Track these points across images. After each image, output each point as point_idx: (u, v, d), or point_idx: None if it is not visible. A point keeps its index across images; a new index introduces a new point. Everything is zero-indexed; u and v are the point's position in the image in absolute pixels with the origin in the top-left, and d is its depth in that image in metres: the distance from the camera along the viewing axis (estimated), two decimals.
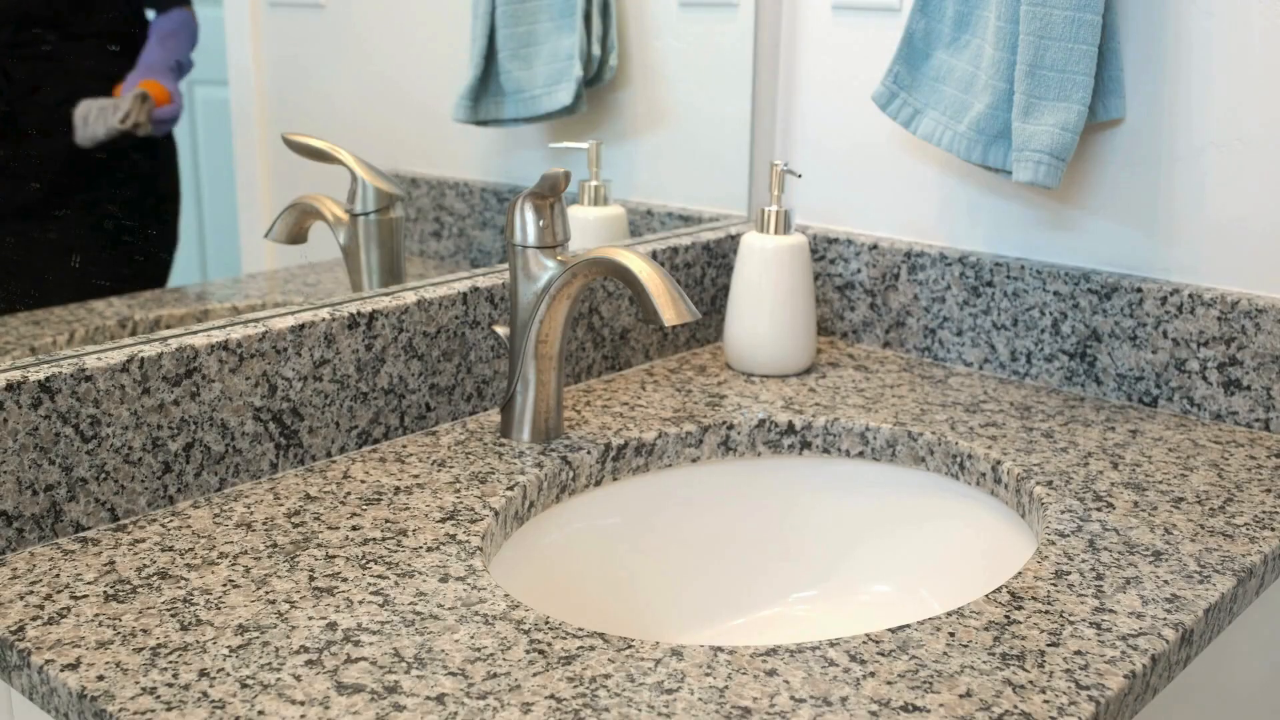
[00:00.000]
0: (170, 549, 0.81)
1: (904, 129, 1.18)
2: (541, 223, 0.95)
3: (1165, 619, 0.74)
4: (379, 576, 0.77)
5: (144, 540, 0.82)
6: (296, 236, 1.05)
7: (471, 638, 0.70)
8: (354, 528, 0.84)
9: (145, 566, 0.78)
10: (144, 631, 0.70)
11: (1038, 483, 0.94)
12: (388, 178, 1.05)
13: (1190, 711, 0.91)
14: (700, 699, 0.65)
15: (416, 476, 0.93)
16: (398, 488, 0.91)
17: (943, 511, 1.03)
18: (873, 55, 1.25)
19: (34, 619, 0.71)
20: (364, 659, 0.68)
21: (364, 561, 0.79)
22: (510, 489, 0.90)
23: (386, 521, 0.85)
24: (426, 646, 0.69)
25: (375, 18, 1.16)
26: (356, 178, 1.03)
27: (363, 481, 0.92)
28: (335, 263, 1.11)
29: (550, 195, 0.95)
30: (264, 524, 0.84)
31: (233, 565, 0.78)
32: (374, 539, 0.82)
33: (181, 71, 1.01)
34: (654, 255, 1.20)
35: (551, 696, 0.65)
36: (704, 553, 1.04)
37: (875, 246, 1.27)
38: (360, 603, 0.74)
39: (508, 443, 0.99)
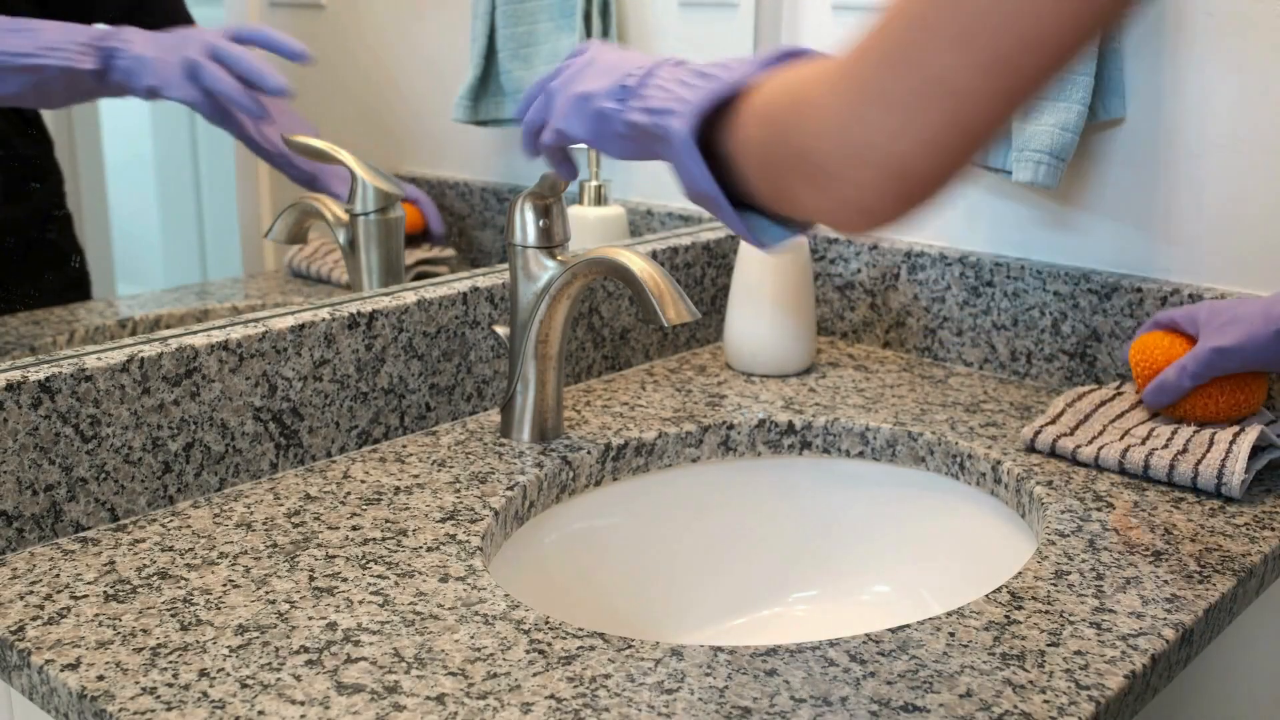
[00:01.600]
0: (170, 549, 0.81)
1: None
2: (542, 223, 0.95)
3: (1165, 619, 0.74)
4: (379, 576, 0.77)
5: (144, 540, 0.82)
6: (296, 236, 1.05)
7: (471, 638, 0.70)
8: (354, 528, 0.84)
9: (145, 566, 0.78)
10: (144, 631, 0.70)
11: (1038, 483, 0.94)
12: (388, 178, 1.05)
13: (1190, 711, 0.91)
14: (700, 699, 0.65)
15: (416, 476, 0.93)
16: (398, 488, 0.91)
17: (943, 511, 1.03)
18: None
19: (34, 619, 0.71)
20: (364, 659, 0.68)
21: (364, 561, 0.79)
22: (510, 489, 0.90)
23: (386, 521, 0.85)
24: (426, 646, 0.69)
25: (375, 18, 1.16)
26: (357, 178, 1.03)
27: (363, 481, 0.92)
28: (334, 262, 1.11)
29: (550, 195, 0.95)
30: (264, 524, 0.84)
31: (233, 565, 0.78)
32: (374, 539, 0.82)
33: None
34: (654, 255, 1.20)
35: (551, 696, 0.65)
36: (704, 553, 1.04)
37: (875, 246, 1.27)
38: (360, 603, 0.74)
39: (508, 443, 0.99)
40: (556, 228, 0.96)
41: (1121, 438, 0.97)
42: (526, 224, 0.95)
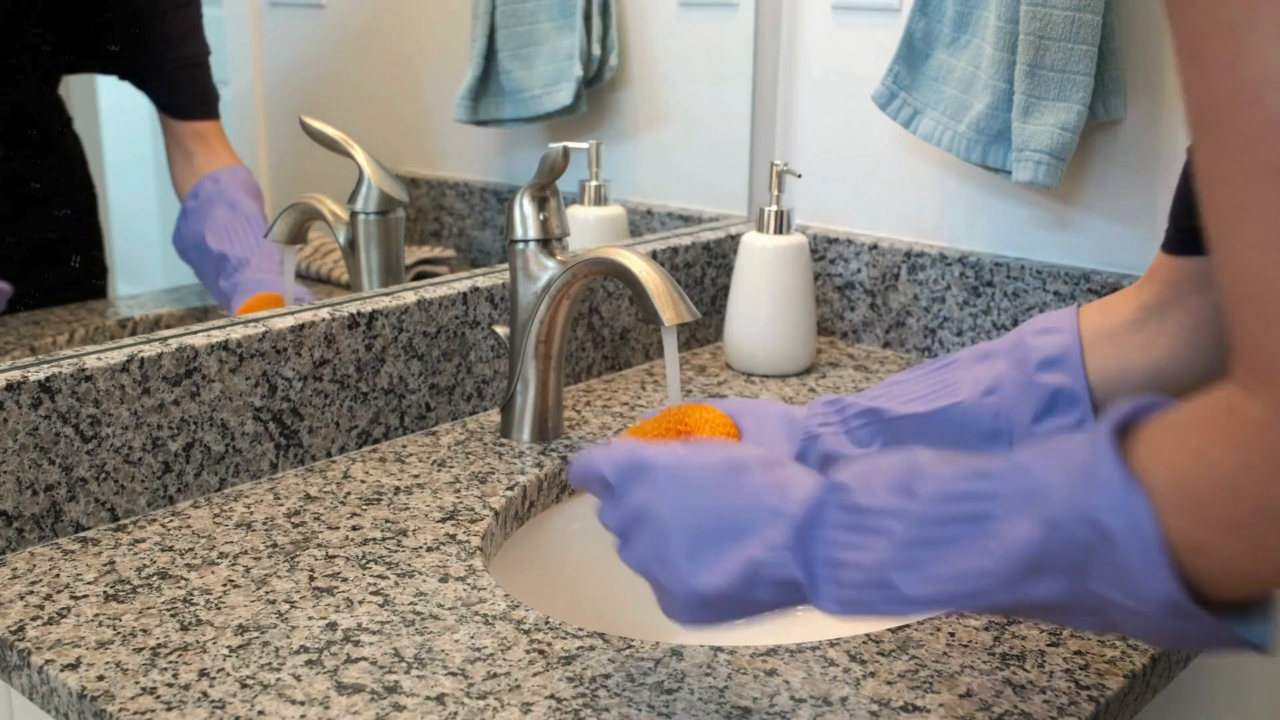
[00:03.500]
0: (170, 549, 0.81)
1: (904, 129, 1.18)
2: (542, 215, 0.95)
3: None
4: (379, 576, 0.77)
5: (144, 540, 0.82)
6: (296, 236, 1.05)
7: (471, 638, 0.70)
8: (354, 528, 0.84)
9: (145, 566, 0.78)
10: (144, 631, 0.70)
11: None
12: (395, 180, 1.05)
13: (1190, 711, 0.91)
14: (700, 699, 0.65)
15: (416, 476, 0.93)
16: (398, 488, 0.91)
17: None
18: (873, 55, 1.25)
19: (34, 619, 0.71)
20: (364, 659, 0.68)
21: (364, 561, 0.79)
22: (510, 489, 0.90)
23: (386, 521, 0.85)
24: (426, 646, 0.69)
25: (375, 18, 1.16)
26: (363, 176, 1.03)
27: (363, 481, 0.92)
28: (334, 262, 1.11)
29: (550, 178, 0.94)
30: (264, 524, 0.84)
31: (233, 565, 0.78)
32: (374, 539, 0.82)
33: None
34: (654, 255, 1.20)
35: (551, 696, 0.65)
36: None
37: (875, 246, 1.27)
38: (360, 603, 0.74)
39: (508, 443, 0.99)
40: (555, 221, 0.96)
41: None
42: (526, 218, 0.95)
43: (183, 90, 0.98)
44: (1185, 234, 0.75)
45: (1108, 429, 0.46)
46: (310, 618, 0.72)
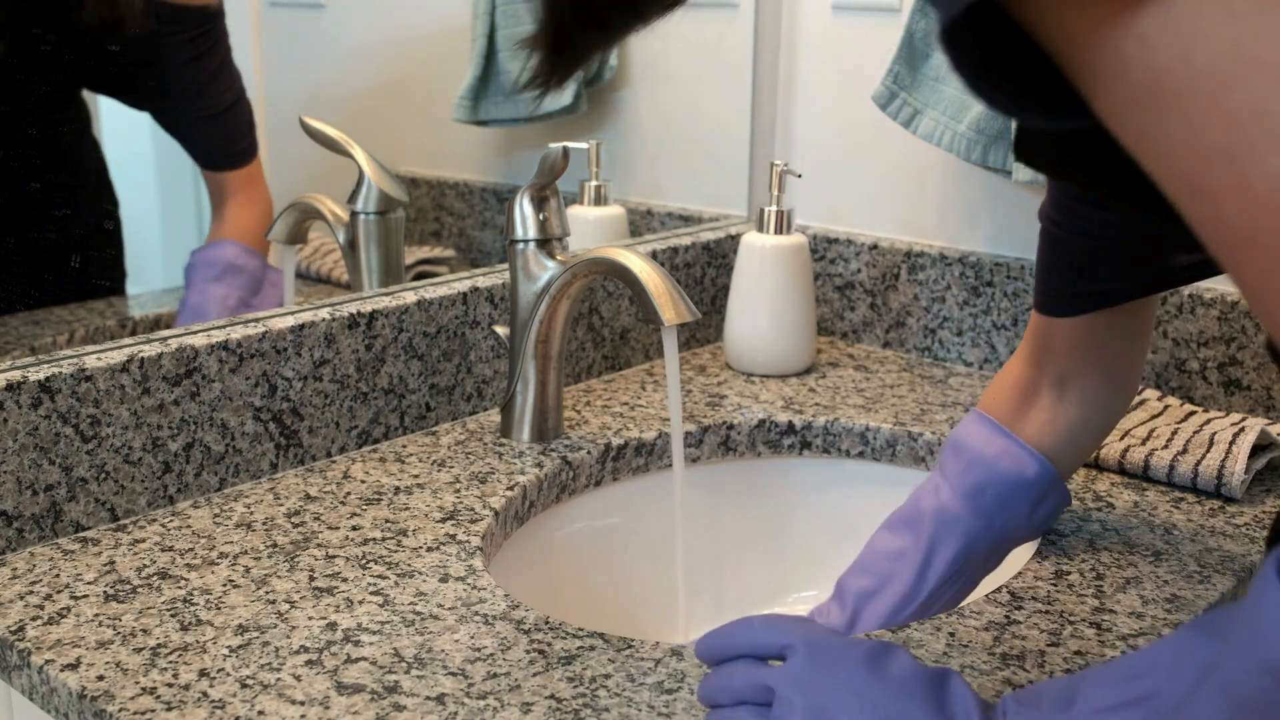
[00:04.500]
0: (170, 549, 0.81)
1: (904, 129, 1.18)
2: (542, 215, 0.95)
3: (1165, 619, 0.74)
4: (379, 576, 0.77)
5: (144, 540, 0.82)
6: (296, 236, 1.05)
7: (471, 638, 0.70)
8: (354, 528, 0.84)
9: (145, 566, 0.78)
10: (144, 631, 0.70)
11: None
12: (395, 180, 1.05)
13: None
14: None
15: (416, 476, 0.93)
16: (398, 488, 0.91)
17: None
18: (873, 55, 1.24)
19: (34, 619, 0.71)
20: (364, 659, 0.68)
21: (364, 561, 0.79)
22: (510, 489, 0.90)
23: (386, 521, 0.85)
24: (426, 646, 0.69)
25: (375, 18, 1.16)
26: (363, 176, 1.03)
27: (363, 481, 0.92)
28: (334, 262, 1.11)
29: (550, 178, 0.94)
30: (264, 524, 0.84)
31: (233, 565, 0.78)
32: (374, 539, 0.82)
33: None
34: (654, 255, 1.20)
35: (551, 696, 0.65)
36: (704, 553, 1.04)
37: (875, 246, 1.27)
38: (360, 603, 0.74)
39: (508, 443, 0.99)
40: (555, 221, 0.96)
41: (1122, 438, 0.97)
42: (526, 218, 0.95)
43: (203, 141, 0.99)
44: (1058, 299, 0.77)
45: (1273, 574, 0.43)
46: (310, 618, 0.72)
